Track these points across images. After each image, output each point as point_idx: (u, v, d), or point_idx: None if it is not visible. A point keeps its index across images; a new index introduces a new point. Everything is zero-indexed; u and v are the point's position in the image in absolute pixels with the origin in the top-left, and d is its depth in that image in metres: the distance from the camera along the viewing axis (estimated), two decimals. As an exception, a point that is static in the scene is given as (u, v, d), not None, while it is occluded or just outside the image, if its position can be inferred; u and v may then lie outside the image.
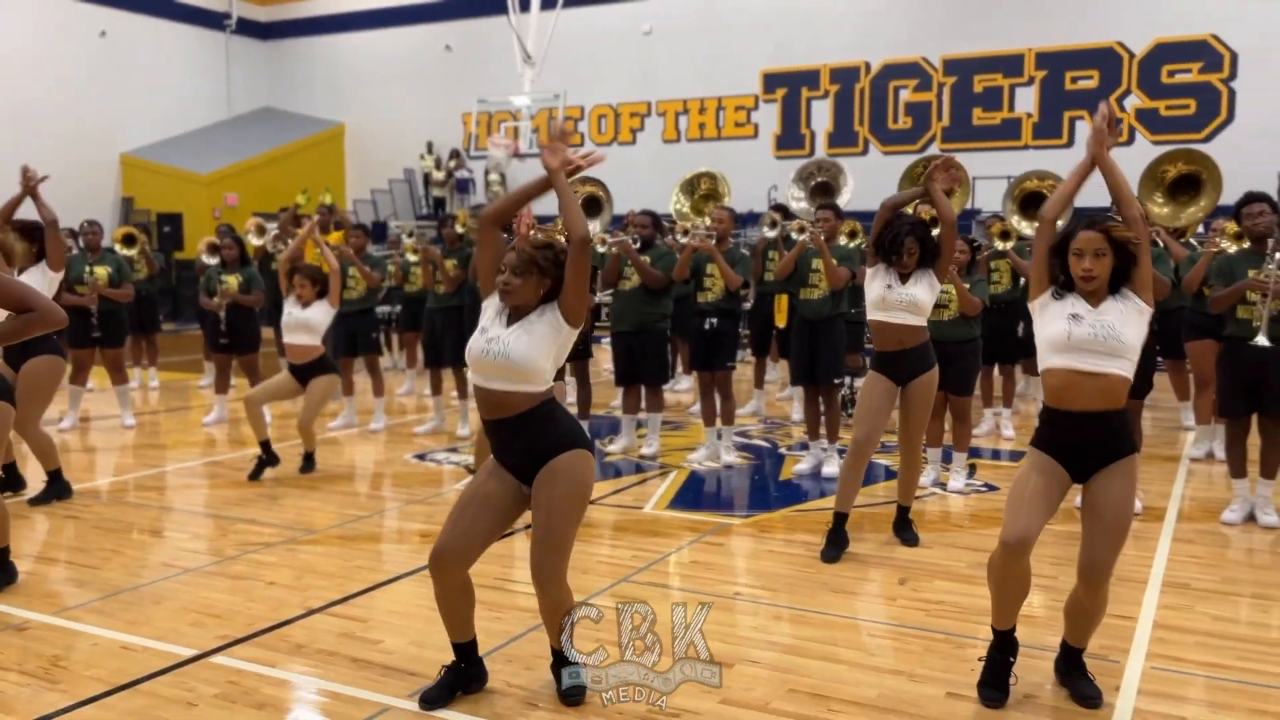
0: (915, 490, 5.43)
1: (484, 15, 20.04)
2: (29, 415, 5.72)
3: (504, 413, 3.23)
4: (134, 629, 4.08)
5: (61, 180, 18.94)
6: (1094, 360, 3.26)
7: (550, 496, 3.21)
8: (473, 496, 3.31)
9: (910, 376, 5.08)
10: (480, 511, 3.28)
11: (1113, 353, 3.25)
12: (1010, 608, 3.44)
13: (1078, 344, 3.27)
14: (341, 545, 5.32)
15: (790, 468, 7.07)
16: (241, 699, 3.45)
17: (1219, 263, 5.82)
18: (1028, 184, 9.27)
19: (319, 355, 6.83)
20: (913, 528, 5.35)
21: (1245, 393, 5.54)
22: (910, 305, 4.99)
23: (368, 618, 4.24)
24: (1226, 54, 16.05)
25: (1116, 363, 3.26)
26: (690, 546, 5.27)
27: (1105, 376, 3.26)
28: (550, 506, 3.20)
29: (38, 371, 5.74)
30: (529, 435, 3.24)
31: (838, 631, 4.09)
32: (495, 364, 3.18)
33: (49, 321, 3.41)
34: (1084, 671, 3.49)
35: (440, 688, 3.38)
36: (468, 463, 7.13)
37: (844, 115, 18.62)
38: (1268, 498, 5.63)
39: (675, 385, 10.35)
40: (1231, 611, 4.27)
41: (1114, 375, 3.26)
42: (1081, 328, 3.28)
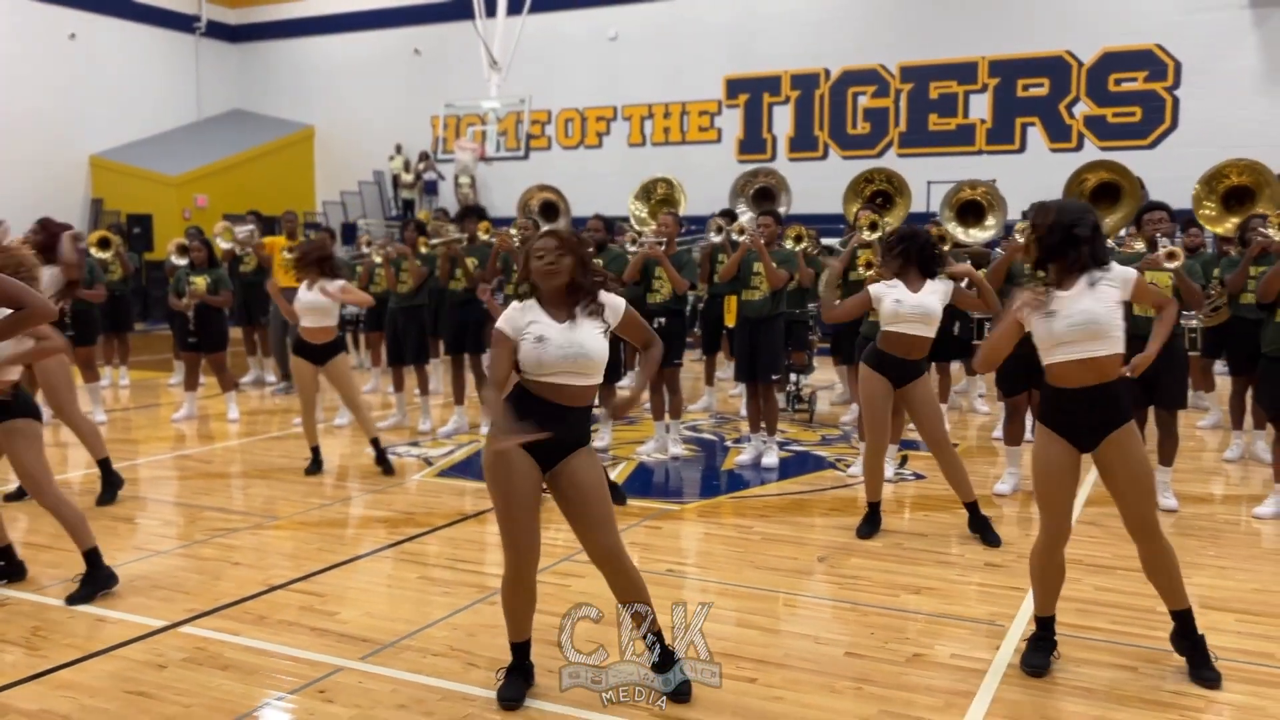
0: (969, 484, 5.40)
1: (452, 20, 20.32)
2: (63, 408, 6.04)
3: (580, 402, 3.43)
4: (107, 604, 4.42)
5: (31, 182, 19.24)
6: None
7: (600, 477, 3.45)
8: (521, 504, 3.35)
9: (907, 380, 5.39)
10: (534, 516, 3.40)
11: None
12: (1051, 596, 3.79)
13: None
14: (304, 530, 5.66)
15: (733, 459, 7.47)
16: (208, 662, 3.80)
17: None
18: (963, 193, 9.76)
19: (331, 338, 6.83)
20: (991, 526, 5.36)
21: (1140, 387, 5.97)
22: (923, 316, 5.29)
23: (326, 593, 4.59)
24: (1170, 63, 16.64)
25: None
26: (631, 530, 5.65)
27: None
28: (601, 485, 3.44)
29: (49, 369, 6.00)
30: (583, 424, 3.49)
31: (756, 603, 4.49)
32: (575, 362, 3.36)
33: (41, 316, 3.59)
34: (1203, 650, 3.65)
35: (514, 687, 3.46)
36: (427, 455, 7.48)
37: (804, 120, 19.08)
38: (1166, 483, 6.09)
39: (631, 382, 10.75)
40: (1114, 584, 4.71)
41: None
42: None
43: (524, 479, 3.33)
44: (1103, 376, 3.58)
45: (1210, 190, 8.55)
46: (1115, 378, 3.61)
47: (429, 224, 9.62)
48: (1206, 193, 8.53)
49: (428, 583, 4.75)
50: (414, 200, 20.71)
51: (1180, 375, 6.14)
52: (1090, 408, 3.61)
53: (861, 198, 10.16)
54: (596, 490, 3.41)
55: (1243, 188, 8.53)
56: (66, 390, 6.07)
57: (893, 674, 3.72)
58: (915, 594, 4.61)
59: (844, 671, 3.74)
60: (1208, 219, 8.50)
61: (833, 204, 11.20)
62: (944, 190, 15.82)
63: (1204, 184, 8.56)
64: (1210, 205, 8.52)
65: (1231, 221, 8.16)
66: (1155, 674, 3.70)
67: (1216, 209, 8.54)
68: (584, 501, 3.39)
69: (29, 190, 18.47)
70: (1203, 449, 7.84)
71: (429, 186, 20.92)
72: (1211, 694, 3.56)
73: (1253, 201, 8.47)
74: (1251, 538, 5.52)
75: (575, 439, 3.43)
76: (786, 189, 9.70)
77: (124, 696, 3.52)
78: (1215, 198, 8.53)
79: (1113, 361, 3.60)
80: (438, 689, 3.58)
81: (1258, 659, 3.87)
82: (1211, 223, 8.51)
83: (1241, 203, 8.53)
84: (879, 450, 5.47)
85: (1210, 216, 8.52)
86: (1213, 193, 8.53)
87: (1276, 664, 3.83)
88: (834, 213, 11.83)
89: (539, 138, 20.87)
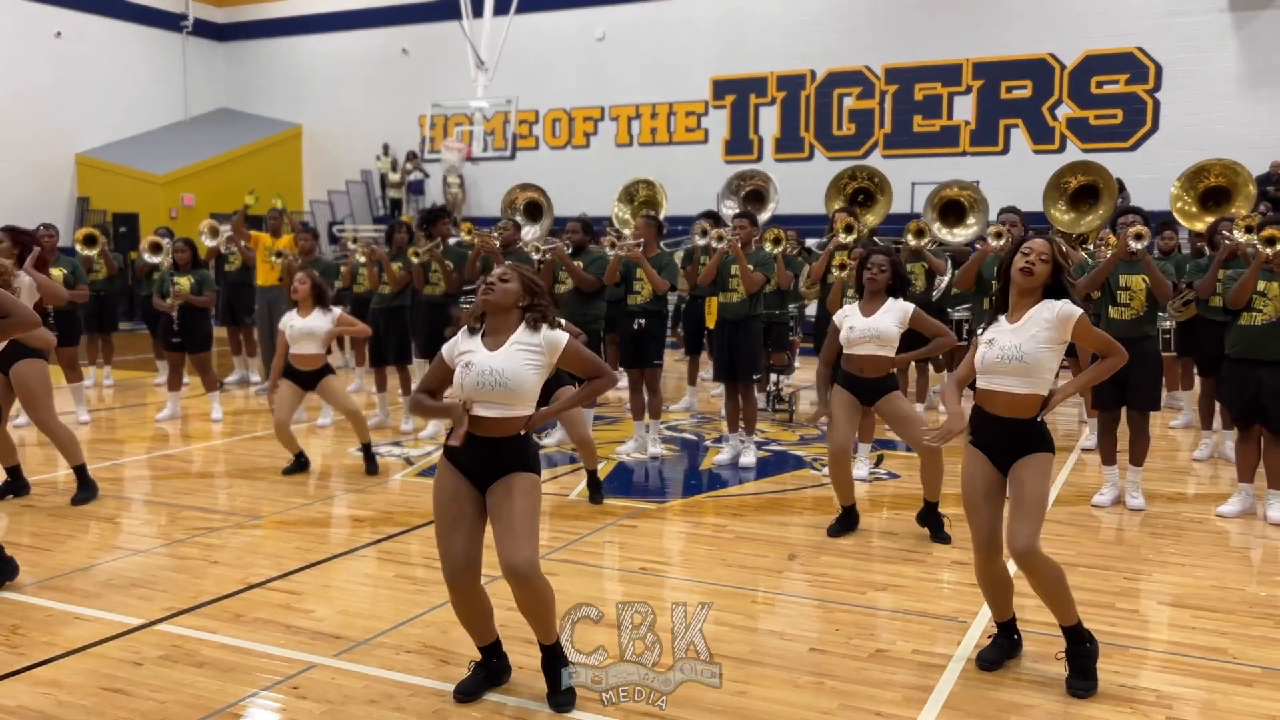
0: (939, 486, 5.47)
1: (439, 20, 20.36)
2: (41, 416, 6.04)
3: (494, 433, 3.45)
4: (86, 602, 4.48)
5: (16, 180, 19.22)
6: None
7: (513, 503, 3.41)
8: (442, 517, 3.47)
9: (877, 396, 5.50)
10: (454, 531, 3.47)
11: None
12: (1002, 603, 3.87)
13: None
14: (285, 529, 5.73)
15: (711, 458, 7.56)
16: (183, 659, 3.86)
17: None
18: (947, 192, 9.87)
19: (320, 365, 6.92)
20: (943, 526, 5.48)
21: (1114, 387, 6.09)
22: (874, 338, 5.39)
23: (303, 591, 4.66)
24: (1152, 66, 16.79)
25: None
26: (607, 529, 5.73)
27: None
28: (509, 507, 3.42)
29: (31, 374, 6.00)
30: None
31: (725, 599, 4.57)
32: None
33: (24, 324, 3.61)
34: (1079, 659, 3.65)
35: (474, 681, 3.55)
36: (409, 455, 7.55)
37: (790, 121, 19.18)
38: (1136, 482, 6.20)
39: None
40: (1076, 580, 4.75)
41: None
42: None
43: (443, 494, 3.46)
44: (1015, 412, 3.66)
45: (1190, 187, 8.68)
46: (1029, 416, 3.66)
47: (416, 235, 9.65)
48: (1186, 189, 8.67)
49: (405, 581, 4.82)
50: (401, 200, 20.75)
51: (1154, 377, 6.25)
52: (1003, 436, 3.70)
53: (844, 195, 10.27)
54: (500, 509, 3.39)
55: (1220, 188, 8.67)
56: (45, 398, 6.07)
57: (855, 669, 3.81)
58: (882, 591, 4.70)
59: (807, 667, 3.83)
60: (1184, 213, 8.63)
61: (818, 205, 11.29)
62: (928, 190, 16.04)
63: (1184, 180, 8.69)
64: (1188, 201, 8.65)
65: (1206, 220, 8.29)
66: (1113, 668, 3.79)
67: (1194, 206, 8.67)
68: (493, 519, 3.43)
69: (14, 189, 18.46)
70: (1176, 449, 7.96)
71: (416, 186, 20.96)
72: (1167, 688, 3.66)
73: (1229, 202, 8.61)
74: (1214, 536, 5.63)
75: (497, 468, 3.41)
76: (776, 190, 9.79)
77: (100, 693, 3.58)
78: (1194, 195, 8.67)
79: (1028, 401, 3.65)
80: (409, 685, 3.65)
81: (1211, 654, 3.97)
82: (1188, 219, 8.64)
83: (1219, 203, 8.66)
84: (836, 459, 5.47)
85: (1188, 212, 8.65)
86: (1192, 189, 8.67)
87: (1230, 659, 3.93)
88: (819, 213, 11.94)
89: (526, 138, 20.93)
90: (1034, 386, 3.64)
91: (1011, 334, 3.66)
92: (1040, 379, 3.65)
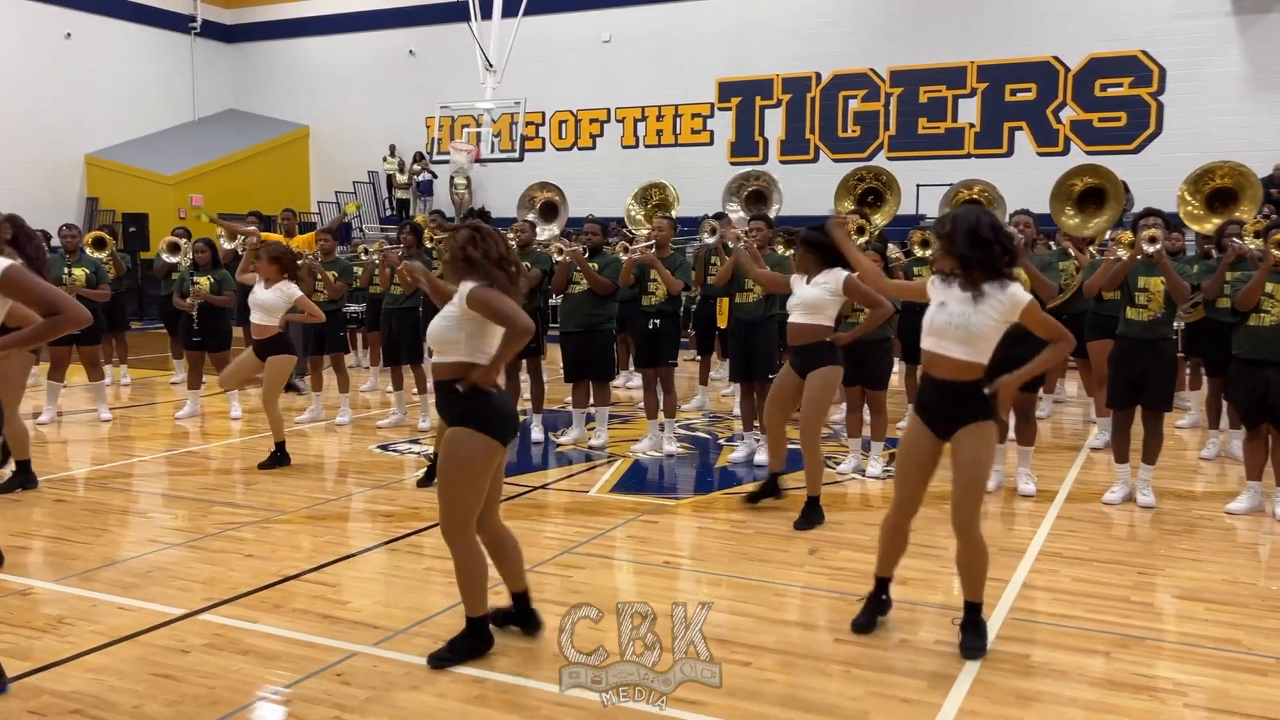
0: (820, 480, 5.80)
1: (447, 22, 20.50)
2: (5, 405, 6.13)
3: (436, 375, 3.86)
4: (127, 593, 4.59)
5: (27, 181, 19.32)
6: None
7: (444, 454, 3.79)
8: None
9: (807, 369, 5.78)
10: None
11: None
12: (890, 560, 4.20)
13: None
14: (312, 524, 5.84)
15: (726, 456, 7.67)
16: (228, 647, 3.98)
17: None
18: (964, 192, 9.96)
19: (272, 335, 7.17)
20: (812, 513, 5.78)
21: (1129, 386, 6.21)
22: (800, 304, 5.76)
23: (337, 583, 4.78)
24: (1155, 69, 16.93)
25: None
26: (629, 524, 5.85)
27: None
28: (443, 460, 3.82)
29: (12, 368, 6.11)
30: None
31: (749, 592, 4.68)
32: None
33: (75, 321, 3.49)
34: (974, 626, 3.97)
35: (502, 615, 4.04)
36: (428, 453, 7.65)
37: (796, 124, 19.32)
38: (1147, 480, 6.31)
39: (629, 382, 10.93)
40: (1091, 574, 4.92)
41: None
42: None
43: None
44: (955, 375, 3.89)
45: (1196, 190, 8.77)
46: (969, 379, 3.88)
47: (426, 228, 9.79)
48: (1192, 191, 8.75)
49: (437, 574, 4.93)
50: (409, 201, 20.87)
51: (1169, 379, 6.34)
52: (942, 399, 3.94)
53: (853, 195, 10.38)
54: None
55: (1226, 190, 8.76)
56: (16, 390, 6.12)
57: (880, 658, 3.92)
58: (900, 585, 4.80)
59: (834, 656, 3.94)
60: (1190, 216, 8.72)
61: (823, 207, 11.42)
62: (933, 193, 16.15)
63: (1191, 183, 8.78)
64: (1194, 203, 8.74)
65: (1213, 222, 8.38)
66: (1129, 659, 3.91)
67: (1200, 209, 8.76)
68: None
69: (25, 189, 18.57)
70: (1183, 448, 8.07)
71: (424, 187, 21.08)
72: (1183, 677, 3.77)
73: (1235, 204, 8.70)
74: (1224, 532, 5.74)
75: (447, 416, 3.81)
76: (778, 191, 9.89)
77: (150, 679, 3.69)
78: (1200, 197, 8.75)
79: (967, 368, 3.88)
80: (449, 671, 3.76)
81: (1225, 645, 4.09)
82: (1194, 221, 8.73)
83: (1225, 204, 8.75)
84: (771, 426, 6.01)
85: (1194, 215, 8.74)
86: (1198, 192, 8.75)
87: (1243, 649, 4.05)
88: (824, 215, 12.03)
89: (533, 139, 21.05)
90: (974, 355, 3.88)
91: (962, 303, 3.88)
92: (980, 350, 3.88)
